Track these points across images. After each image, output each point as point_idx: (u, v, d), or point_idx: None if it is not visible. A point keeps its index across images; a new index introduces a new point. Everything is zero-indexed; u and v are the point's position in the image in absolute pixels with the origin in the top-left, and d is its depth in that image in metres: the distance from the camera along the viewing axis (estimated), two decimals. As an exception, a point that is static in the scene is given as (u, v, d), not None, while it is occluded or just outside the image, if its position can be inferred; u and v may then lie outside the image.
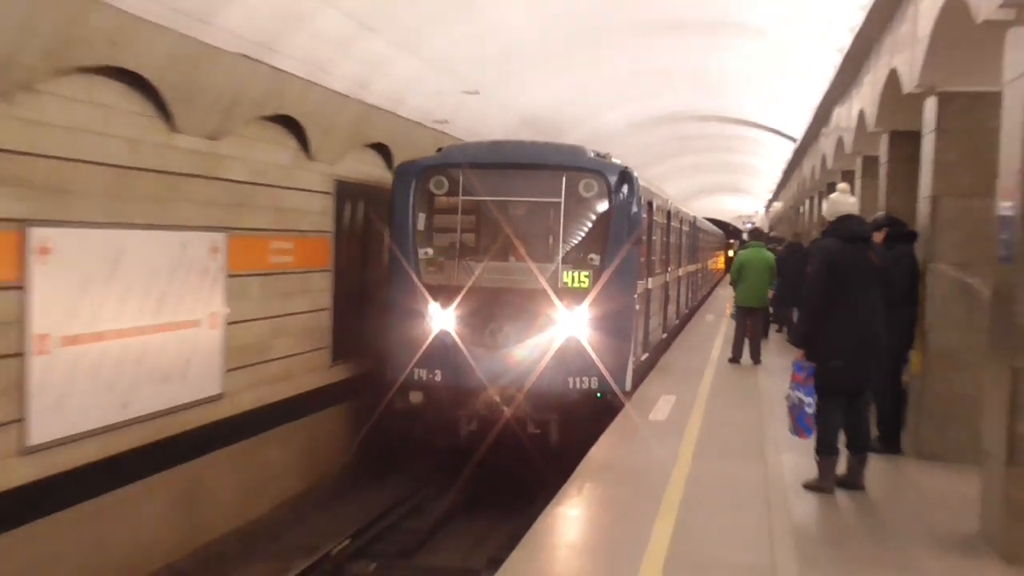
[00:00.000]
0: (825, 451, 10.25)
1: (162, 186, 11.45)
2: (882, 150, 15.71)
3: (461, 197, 13.95)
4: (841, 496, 10.19)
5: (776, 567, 7.92)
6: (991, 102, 9.42)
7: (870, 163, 17.71)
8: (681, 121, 31.39)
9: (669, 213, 24.11)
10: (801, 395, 10.09)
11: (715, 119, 31.69)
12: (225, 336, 12.87)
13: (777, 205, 48.11)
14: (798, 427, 10.23)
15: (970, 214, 11.00)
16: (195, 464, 12.33)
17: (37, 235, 9.35)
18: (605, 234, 13.68)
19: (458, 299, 13.57)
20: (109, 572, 10.61)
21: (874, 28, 14.98)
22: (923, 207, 12.03)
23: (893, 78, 13.61)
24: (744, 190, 56.27)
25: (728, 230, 55.31)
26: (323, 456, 16.06)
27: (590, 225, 13.83)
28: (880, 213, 13.73)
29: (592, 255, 13.41)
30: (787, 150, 34.01)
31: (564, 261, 13.66)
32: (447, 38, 16.32)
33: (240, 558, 12.46)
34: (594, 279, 13.45)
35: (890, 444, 12.01)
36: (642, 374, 15.91)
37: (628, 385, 13.91)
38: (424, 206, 13.85)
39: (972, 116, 11.11)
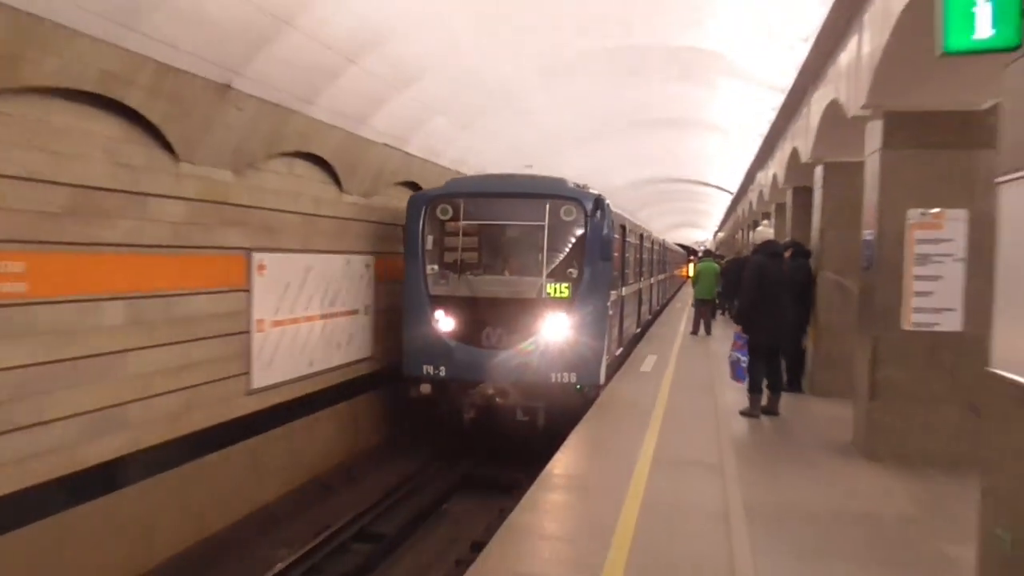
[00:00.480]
0: (754, 390, 10.39)
1: (335, 226, 11.80)
2: (788, 199, 15.57)
3: (462, 221, 12.40)
4: (764, 419, 10.27)
5: (723, 463, 7.98)
6: (856, 168, 9.39)
7: (781, 207, 17.37)
8: (662, 182, 30.94)
9: (642, 236, 20.67)
10: (739, 355, 10.35)
11: (683, 181, 31.26)
12: (373, 320, 13.11)
13: (721, 234, 47.11)
14: (737, 376, 10.48)
15: (844, 240, 10.88)
16: (353, 402, 12.54)
17: (257, 258, 9.74)
18: (582, 252, 11.96)
19: (460, 307, 11.99)
20: (300, 469, 11.00)
21: (783, 121, 14.76)
22: (815, 236, 11.95)
23: (795, 153, 13.47)
24: (700, 225, 55.22)
25: (690, 250, 54.20)
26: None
27: (570, 244, 12.17)
28: (788, 239, 13.65)
29: (572, 269, 11.86)
30: (727, 199, 33.78)
31: (548, 275, 11.96)
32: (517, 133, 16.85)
33: (386, 459, 12.63)
34: (573, 290, 11.81)
35: (795, 386, 12.00)
36: (616, 367, 13.90)
37: (602, 379, 12.16)
38: (432, 230, 12.28)
39: (844, 177, 11.11)
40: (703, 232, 59.51)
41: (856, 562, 5.56)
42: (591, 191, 12.40)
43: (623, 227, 15.44)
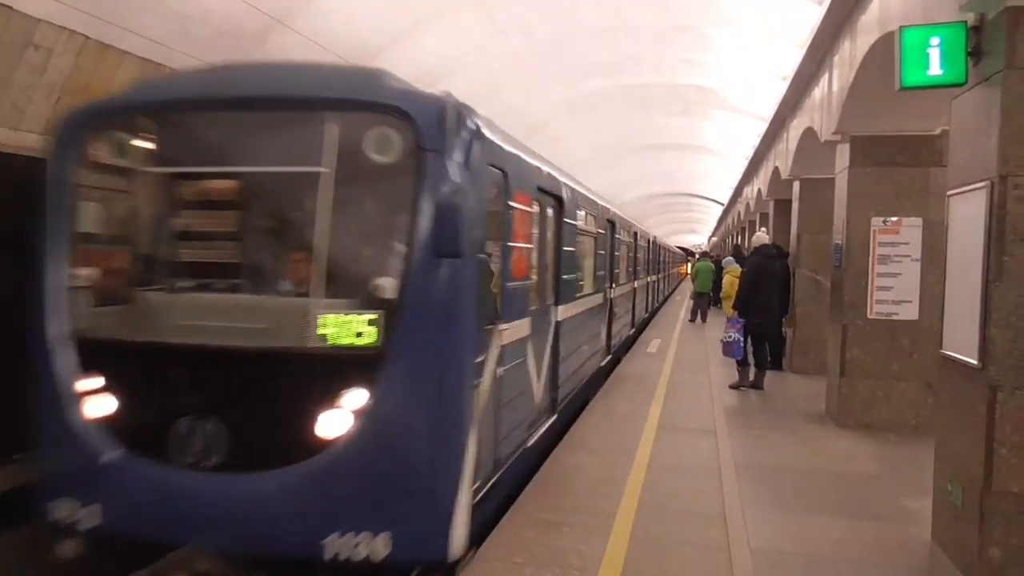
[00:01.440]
0: (744, 365, 10.40)
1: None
2: (771, 209, 15.33)
3: (151, 168, 4.67)
4: (750, 392, 10.16)
5: (716, 427, 7.95)
6: (828, 184, 9.30)
7: (764, 216, 17.00)
8: (665, 196, 31.10)
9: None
10: (737, 336, 10.20)
11: (682, 195, 31.41)
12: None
13: (714, 239, 47.02)
14: (733, 354, 10.32)
15: (817, 243, 10.85)
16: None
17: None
18: (415, 237, 3.90)
19: (135, 371, 4.18)
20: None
21: (765, 145, 14.64)
22: (793, 240, 11.77)
23: (776, 171, 13.36)
24: (697, 231, 54.92)
25: (688, 252, 53.92)
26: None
27: (387, 221, 4.28)
28: (769, 243, 13.93)
29: (383, 279, 4.04)
30: (719, 210, 33.59)
31: (330, 293, 4.13)
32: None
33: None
34: (388, 328, 3.90)
35: (777, 365, 11.59)
36: (506, 503, 5.34)
37: (456, 546, 4.05)
38: (85, 190, 4.42)
39: (818, 191, 10.91)
40: (699, 237, 59.18)
41: (828, 513, 5.52)
42: (436, 94, 4.37)
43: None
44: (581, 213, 8.39)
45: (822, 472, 6.54)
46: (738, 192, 23.53)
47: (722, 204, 30.64)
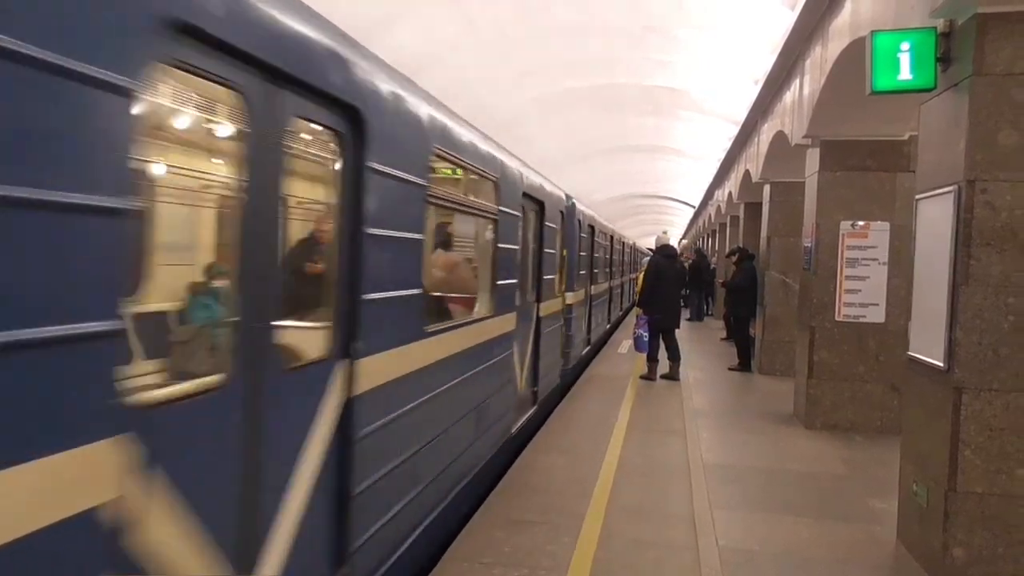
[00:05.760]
0: (652, 360, 10.81)
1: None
2: (741, 212, 15.43)
3: None
4: (722, 391, 10.19)
5: (686, 428, 7.97)
6: (798, 187, 9.29)
7: (735, 219, 17.22)
8: (636, 198, 31.04)
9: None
10: (642, 332, 10.80)
11: (654, 197, 31.40)
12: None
13: (684, 241, 47.29)
14: (639, 348, 10.94)
15: (786, 246, 10.93)
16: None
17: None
18: None
19: None
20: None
21: (737, 148, 14.71)
22: (763, 242, 11.79)
23: (747, 175, 13.39)
24: (670, 233, 56.04)
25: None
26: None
27: None
28: (736, 245, 13.98)
29: None
30: (690, 212, 33.82)
31: None
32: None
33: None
34: None
35: (746, 366, 11.86)
36: None
37: None
38: None
39: (788, 194, 11.00)
40: (671, 240, 59.65)
41: (796, 513, 5.55)
42: None
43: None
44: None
45: (790, 472, 6.58)
46: (709, 195, 23.63)
47: (693, 207, 30.87)
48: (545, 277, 8.24)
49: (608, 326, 16.81)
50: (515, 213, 6.41)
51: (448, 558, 4.46)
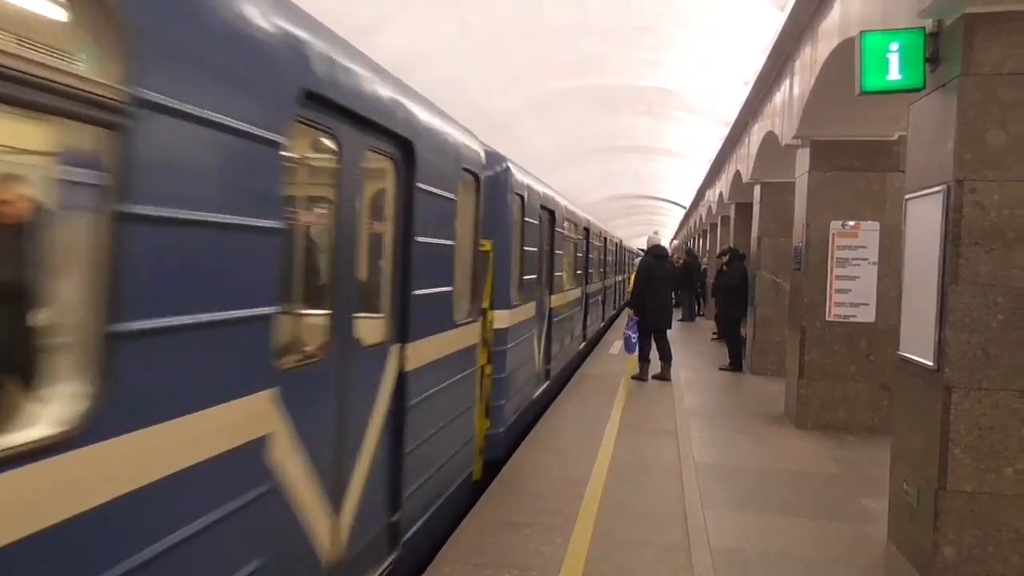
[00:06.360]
0: (643, 360, 10.80)
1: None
2: (732, 212, 15.51)
3: None
4: (713, 391, 10.21)
5: (678, 428, 7.97)
6: (788, 187, 9.37)
7: (726, 219, 17.29)
8: (628, 198, 31.21)
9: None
10: (631, 333, 10.83)
11: (646, 197, 31.57)
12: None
13: (676, 242, 47.34)
14: (629, 348, 10.99)
15: (777, 246, 10.92)
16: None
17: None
18: None
19: None
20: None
21: (728, 149, 14.73)
22: (753, 242, 11.82)
23: (738, 175, 13.43)
24: (660, 234, 56.13)
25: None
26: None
27: None
28: (727, 245, 13.90)
29: None
30: (681, 212, 33.88)
31: None
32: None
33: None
34: None
35: (737, 366, 11.90)
36: None
37: None
38: None
39: (778, 195, 11.00)
40: (663, 240, 59.76)
41: (787, 512, 5.55)
42: None
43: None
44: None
45: (781, 472, 6.58)
46: (700, 195, 23.72)
47: (684, 207, 30.92)
48: (419, 293, 4.14)
49: (583, 345, 13.53)
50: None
51: (440, 560, 4.44)
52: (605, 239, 15.49)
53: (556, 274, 9.81)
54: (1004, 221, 4.10)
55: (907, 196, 4.83)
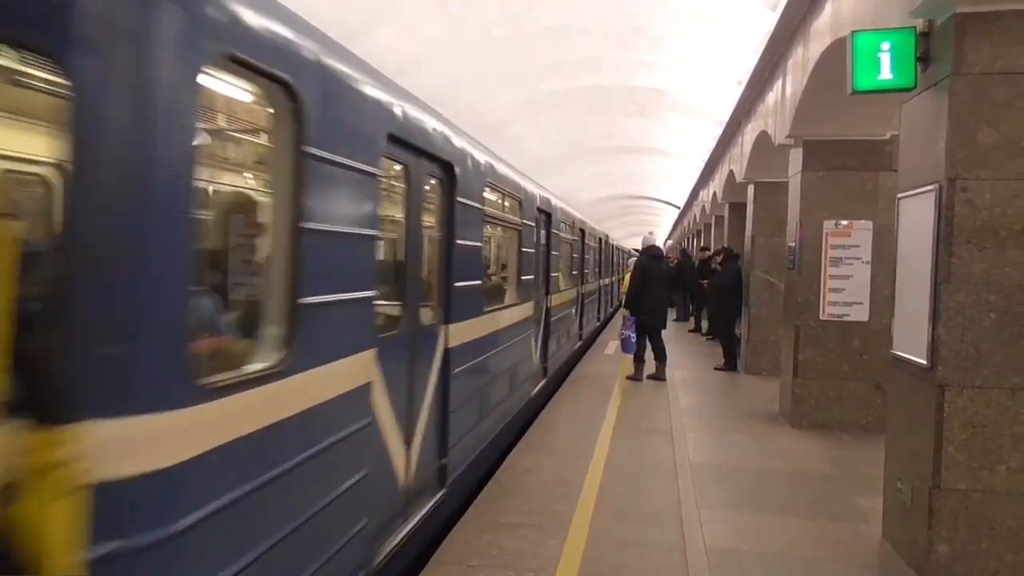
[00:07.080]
0: (639, 360, 10.81)
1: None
2: (726, 212, 15.54)
3: None
4: (708, 391, 10.22)
5: (673, 427, 7.99)
6: (782, 187, 9.40)
7: (720, 219, 17.36)
8: (622, 198, 31.06)
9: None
10: (629, 334, 10.76)
11: (639, 197, 31.40)
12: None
13: (670, 242, 47.41)
14: (627, 349, 10.89)
15: (771, 245, 10.98)
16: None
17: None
18: None
19: None
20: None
21: (721, 149, 14.74)
22: (748, 242, 11.89)
23: (731, 175, 13.42)
24: (655, 234, 56.18)
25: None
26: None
27: None
28: (721, 245, 14.05)
29: None
30: (675, 213, 33.86)
31: None
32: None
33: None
34: None
35: (732, 366, 11.89)
36: None
37: None
38: None
39: (771, 194, 11.08)
40: (656, 241, 59.80)
41: (782, 512, 5.55)
42: None
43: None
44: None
45: (776, 471, 6.59)
46: (694, 195, 23.73)
47: (678, 207, 30.93)
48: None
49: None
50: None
51: (435, 562, 4.43)
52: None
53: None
54: (996, 220, 4.11)
55: (900, 195, 4.84)
